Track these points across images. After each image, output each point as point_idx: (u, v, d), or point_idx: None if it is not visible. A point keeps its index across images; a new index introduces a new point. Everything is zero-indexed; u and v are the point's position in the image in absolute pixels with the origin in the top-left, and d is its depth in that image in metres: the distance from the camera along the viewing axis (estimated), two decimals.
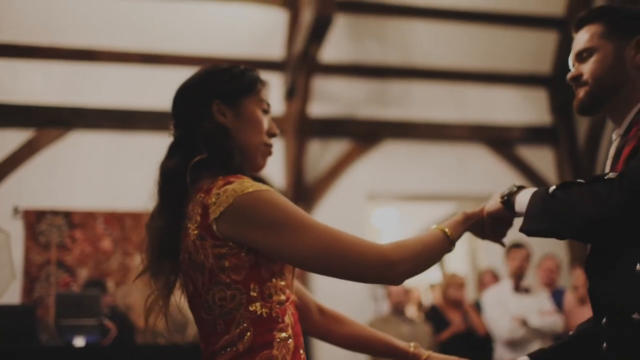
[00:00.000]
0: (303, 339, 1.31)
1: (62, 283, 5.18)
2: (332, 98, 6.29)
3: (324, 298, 1.59)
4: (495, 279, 5.45)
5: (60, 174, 5.52)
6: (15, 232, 5.12)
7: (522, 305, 4.37)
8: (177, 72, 5.70)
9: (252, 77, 1.39)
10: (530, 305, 4.38)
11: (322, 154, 6.16)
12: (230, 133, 1.33)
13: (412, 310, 6.59)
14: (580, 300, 4.55)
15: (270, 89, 1.43)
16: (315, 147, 6.14)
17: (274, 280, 1.25)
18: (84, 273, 5.32)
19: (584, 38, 1.42)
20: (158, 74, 5.80)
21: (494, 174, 6.40)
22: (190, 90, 1.37)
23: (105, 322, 3.95)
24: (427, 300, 7.45)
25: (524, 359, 1.48)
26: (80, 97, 5.67)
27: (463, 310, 4.84)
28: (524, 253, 4.61)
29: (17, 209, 5.30)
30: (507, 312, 4.32)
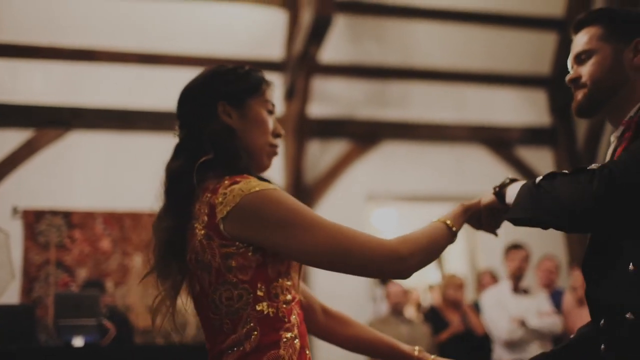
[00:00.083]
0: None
1: (61, 283, 5.18)
2: (331, 98, 6.29)
3: (323, 298, 1.59)
4: (494, 280, 5.45)
5: (60, 174, 5.52)
6: (15, 232, 5.13)
7: (520, 306, 4.37)
8: (176, 72, 5.78)
9: (257, 77, 1.40)
10: (529, 306, 4.38)
11: (321, 155, 6.17)
12: (236, 134, 1.34)
13: (410, 311, 6.60)
14: (579, 301, 4.55)
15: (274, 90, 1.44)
16: (315, 147, 6.14)
17: (281, 280, 1.25)
18: (83, 273, 5.31)
19: (583, 40, 1.43)
20: (158, 74, 5.80)
21: (493, 175, 6.36)
22: (196, 91, 1.37)
23: (104, 322, 3.95)
24: (426, 301, 7.46)
25: None
26: (80, 97, 5.67)
27: (462, 311, 4.84)
28: (523, 254, 4.61)
29: (16, 209, 5.30)
30: (505, 312, 4.32)
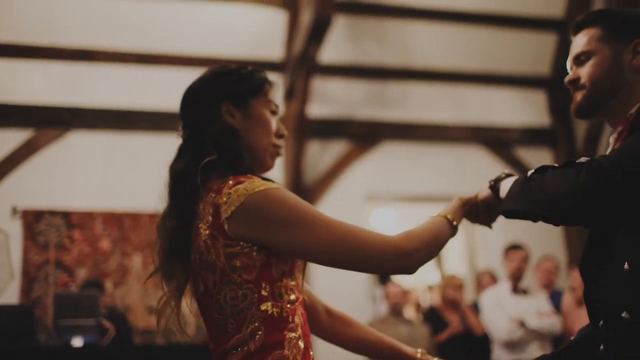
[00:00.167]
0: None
1: (60, 283, 5.18)
2: (331, 99, 6.30)
3: (323, 298, 1.58)
4: (494, 280, 5.45)
5: (59, 174, 5.52)
6: (14, 232, 5.12)
7: (520, 307, 4.37)
8: (176, 72, 5.77)
9: (260, 78, 1.40)
10: (528, 307, 4.38)
11: (321, 155, 6.17)
12: (239, 134, 1.34)
13: (410, 312, 6.60)
14: (578, 302, 4.55)
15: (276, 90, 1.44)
16: (314, 147, 6.14)
17: (285, 280, 1.25)
18: (83, 273, 5.31)
19: (582, 41, 1.43)
20: (157, 75, 5.80)
21: (493, 175, 6.37)
22: (199, 92, 1.37)
23: (104, 322, 3.95)
24: (425, 302, 7.46)
25: None
26: (79, 97, 5.67)
27: (461, 312, 4.84)
28: (523, 254, 4.61)
29: (15, 209, 5.30)
30: (505, 313, 4.32)
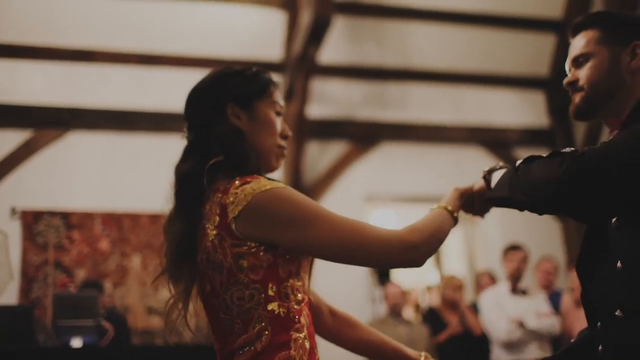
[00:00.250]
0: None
1: (59, 284, 5.18)
2: (330, 99, 6.30)
3: None
4: (493, 281, 5.46)
5: (59, 175, 5.52)
6: (13, 232, 5.12)
7: (519, 307, 4.38)
8: (176, 73, 5.77)
9: (265, 79, 1.40)
10: (528, 307, 4.39)
11: (320, 156, 6.17)
12: (245, 135, 1.34)
13: (409, 312, 6.60)
14: (577, 302, 4.55)
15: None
16: (314, 148, 6.14)
17: (291, 281, 1.26)
18: (82, 274, 5.31)
19: (581, 43, 1.43)
20: (157, 75, 5.80)
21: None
22: (204, 93, 1.38)
23: (103, 323, 3.95)
24: (424, 302, 7.47)
25: None
26: (79, 97, 5.67)
27: (460, 312, 4.85)
28: (522, 255, 4.62)
29: (14, 210, 5.30)
30: (504, 313, 4.33)
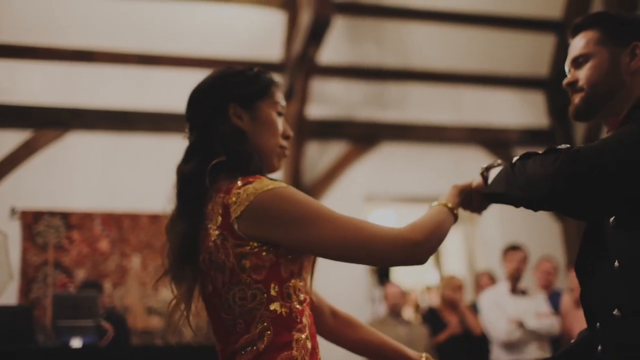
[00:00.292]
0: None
1: (59, 284, 5.18)
2: (330, 100, 6.30)
3: None
4: (492, 281, 5.46)
5: (58, 175, 5.51)
6: (13, 232, 5.12)
7: (518, 307, 4.38)
8: (175, 73, 5.77)
9: (266, 79, 1.40)
10: (527, 307, 4.39)
11: (320, 156, 6.17)
12: (247, 136, 1.34)
13: (409, 312, 6.60)
14: (577, 303, 4.56)
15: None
16: (313, 148, 6.14)
17: (293, 281, 1.26)
18: (81, 274, 5.31)
19: (580, 44, 1.43)
20: (156, 75, 5.80)
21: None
22: (206, 94, 1.37)
23: (103, 323, 3.95)
24: (424, 302, 7.47)
25: None
26: (79, 97, 5.67)
27: (460, 312, 4.85)
28: (521, 255, 4.62)
29: (14, 210, 5.30)
30: (503, 313, 4.33)
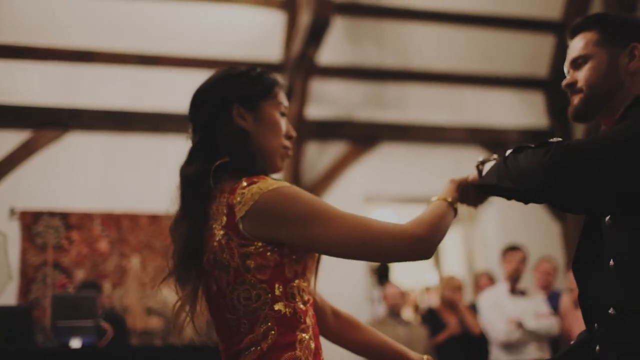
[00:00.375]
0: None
1: (58, 284, 5.18)
2: (329, 100, 6.30)
3: None
4: (492, 282, 5.46)
5: (58, 175, 5.51)
6: (12, 233, 5.12)
7: (518, 308, 4.38)
8: (175, 73, 5.77)
9: (270, 80, 1.41)
10: (526, 308, 4.39)
11: (319, 156, 6.17)
12: (251, 136, 1.35)
13: (408, 313, 6.61)
14: (576, 303, 4.55)
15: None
16: (313, 149, 6.14)
17: (297, 281, 1.26)
18: (81, 274, 5.31)
19: (579, 45, 1.43)
20: (156, 76, 5.80)
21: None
22: (209, 94, 1.38)
23: (102, 323, 3.95)
24: (423, 303, 7.47)
25: None
26: (78, 98, 5.67)
27: (459, 313, 4.85)
28: (520, 256, 4.62)
29: (13, 210, 5.29)
30: (503, 314, 4.33)
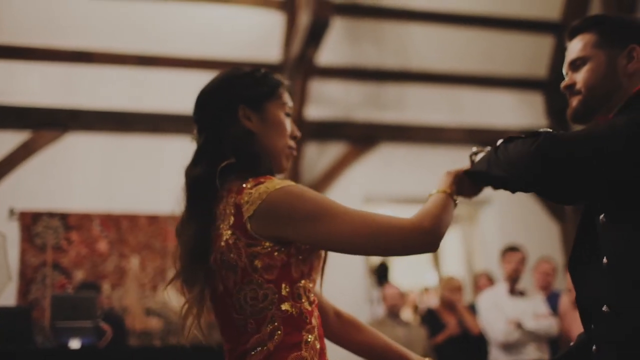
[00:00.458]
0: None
1: (57, 285, 5.18)
2: (329, 101, 6.30)
3: None
4: (491, 282, 5.46)
5: (57, 176, 5.51)
6: (11, 233, 5.11)
7: (517, 308, 4.38)
8: (174, 74, 5.77)
9: (274, 81, 1.41)
10: (526, 308, 4.39)
11: (318, 157, 6.17)
12: (256, 137, 1.35)
13: (407, 313, 6.61)
14: (575, 304, 4.55)
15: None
16: (312, 150, 6.14)
17: (304, 282, 1.27)
18: (80, 275, 5.30)
19: (578, 47, 1.44)
20: (155, 76, 5.80)
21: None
22: (215, 95, 1.38)
23: (101, 324, 3.95)
24: (422, 303, 7.47)
25: None
26: (77, 98, 5.67)
27: (459, 313, 4.85)
28: (520, 256, 4.62)
29: (13, 211, 5.29)
30: (502, 314, 4.33)
